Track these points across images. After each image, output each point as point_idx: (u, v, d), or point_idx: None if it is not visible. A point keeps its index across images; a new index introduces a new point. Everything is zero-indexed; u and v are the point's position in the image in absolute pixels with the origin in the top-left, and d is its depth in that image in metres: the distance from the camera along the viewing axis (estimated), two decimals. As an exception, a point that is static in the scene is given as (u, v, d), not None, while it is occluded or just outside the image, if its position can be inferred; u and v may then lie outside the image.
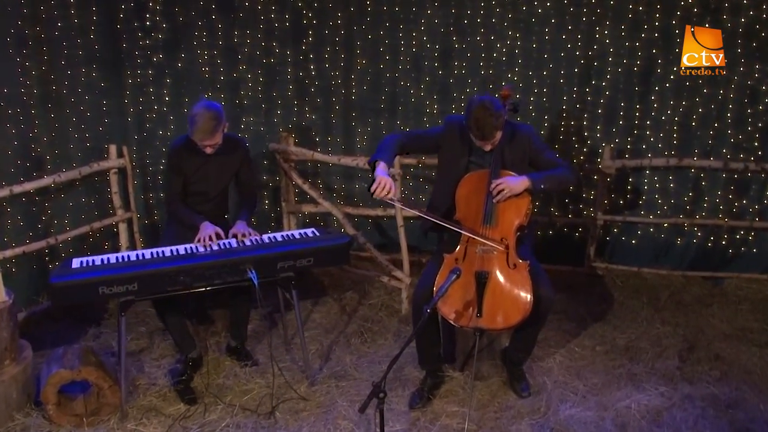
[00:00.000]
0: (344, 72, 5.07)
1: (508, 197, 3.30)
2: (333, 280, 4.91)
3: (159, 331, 4.19)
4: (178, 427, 3.35)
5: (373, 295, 4.69)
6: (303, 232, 3.76)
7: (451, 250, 3.38)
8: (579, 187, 4.97)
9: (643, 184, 4.87)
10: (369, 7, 4.89)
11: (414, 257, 4.75)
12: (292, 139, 4.90)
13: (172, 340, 3.85)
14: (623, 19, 4.58)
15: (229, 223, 3.89)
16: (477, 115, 3.25)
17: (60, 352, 3.45)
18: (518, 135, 3.49)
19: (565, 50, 4.73)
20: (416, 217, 4.95)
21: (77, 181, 4.56)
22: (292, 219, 5.10)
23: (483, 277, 3.19)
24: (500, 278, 3.23)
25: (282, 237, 3.69)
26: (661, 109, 4.69)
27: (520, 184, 3.31)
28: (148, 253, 3.48)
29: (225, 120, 3.67)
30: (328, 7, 4.91)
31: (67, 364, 3.32)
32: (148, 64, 4.83)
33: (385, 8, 4.87)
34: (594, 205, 4.90)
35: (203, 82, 4.99)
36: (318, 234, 3.73)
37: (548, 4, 4.64)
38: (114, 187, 4.66)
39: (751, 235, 4.80)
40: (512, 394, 3.57)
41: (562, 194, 5.01)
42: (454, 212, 3.44)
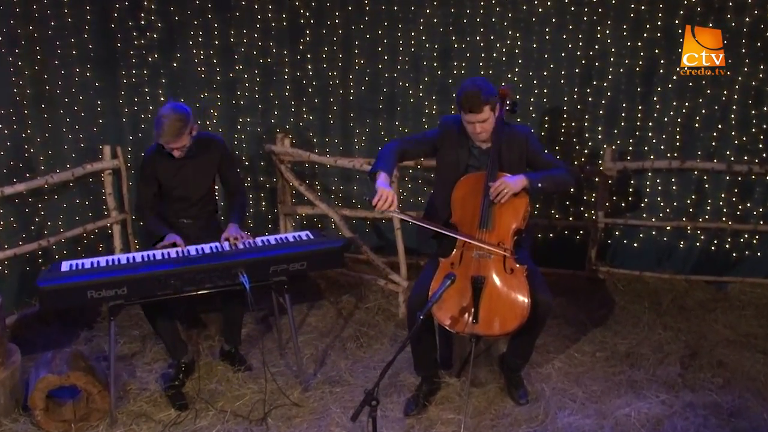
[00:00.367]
0: (342, 72, 5.00)
1: (508, 197, 3.23)
2: (330, 283, 4.84)
3: (152, 335, 4.12)
4: (168, 434, 3.29)
5: (370, 299, 4.62)
6: (297, 235, 3.70)
7: (447, 254, 3.31)
8: (580, 189, 4.90)
9: (645, 187, 4.80)
10: (367, 7, 4.82)
11: (412, 260, 4.69)
12: (289, 140, 4.83)
13: (164, 345, 3.79)
14: (625, 19, 4.50)
15: (221, 226, 3.84)
16: (467, 89, 3.24)
17: (49, 357, 3.40)
18: (515, 136, 3.42)
19: (566, 50, 4.65)
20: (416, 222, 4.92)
21: (71, 183, 4.52)
22: (289, 221, 5.03)
23: (479, 282, 3.12)
24: (497, 283, 3.16)
25: (275, 240, 3.63)
26: (663, 110, 4.61)
27: (519, 183, 3.25)
28: (139, 256, 3.43)
29: (193, 122, 3.57)
30: (326, 7, 4.84)
31: (56, 369, 3.27)
32: (143, 64, 4.78)
33: (384, 7, 4.80)
34: (595, 208, 4.82)
35: (199, 83, 4.93)
36: (312, 237, 3.67)
37: (549, 4, 4.57)
38: (108, 189, 4.61)
39: (756, 239, 4.71)
40: (509, 401, 3.50)
41: (562, 196, 4.93)
42: (450, 216, 3.36)
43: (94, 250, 4.75)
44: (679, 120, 4.60)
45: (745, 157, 4.55)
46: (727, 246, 4.76)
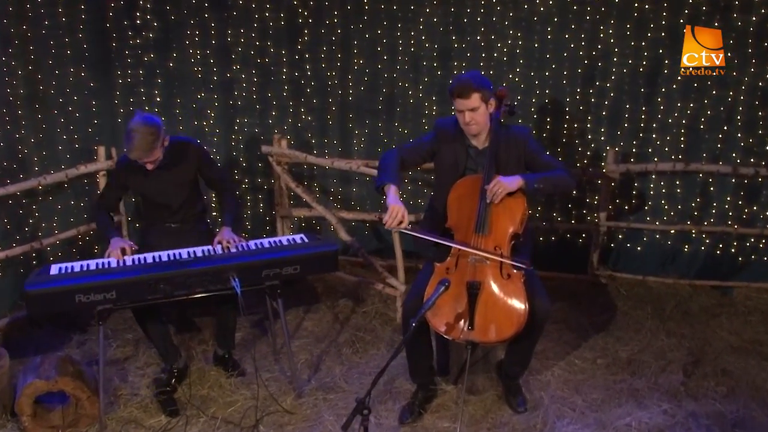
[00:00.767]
0: (341, 72, 4.93)
1: (503, 196, 3.15)
2: (327, 287, 4.77)
3: (145, 339, 4.04)
4: (157, 441, 3.24)
5: (367, 303, 4.55)
6: (291, 238, 3.64)
7: (443, 259, 3.23)
8: (582, 191, 4.81)
9: (648, 189, 4.70)
10: (366, 6, 4.75)
11: (411, 263, 4.61)
12: (286, 142, 4.76)
13: (155, 350, 3.73)
14: (628, 18, 4.41)
15: (212, 228, 3.77)
16: (458, 77, 3.25)
17: (37, 362, 3.34)
18: (513, 137, 3.34)
19: (568, 50, 4.56)
20: (412, 223, 4.84)
21: (65, 184, 4.46)
22: (286, 223, 4.96)
23: (474, 288, 3.04)
24: (493, 289, 3.08)
25: (269, 243, 3.56)
26: (667, 111, 4.52)
27: (514, 183, 3.17)
28: (129, 259, 3.37)
29: (163, 133, 3.44)
30: (325, 6, 4.77)
31: (43, 375, 3.21)
32: (138, 64, 4.73)
33: (383, 7, 4.73)
34: (597, 211, 4.73)
35: (195, 83, 4.88)
36: (307, 241, 3.60)
37: (550, 3, 4.48)
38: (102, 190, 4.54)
39: (762, 243, 4.61)
40: (507, 410, 3.42)
41: (564, 199, 4.85)
42: (446, 219, 3.29)
43: (90, 252, 4.70)
44: (684, 121, 4.51)
45: (752, 160, 4.46)
46: (733, 250, 4.66)
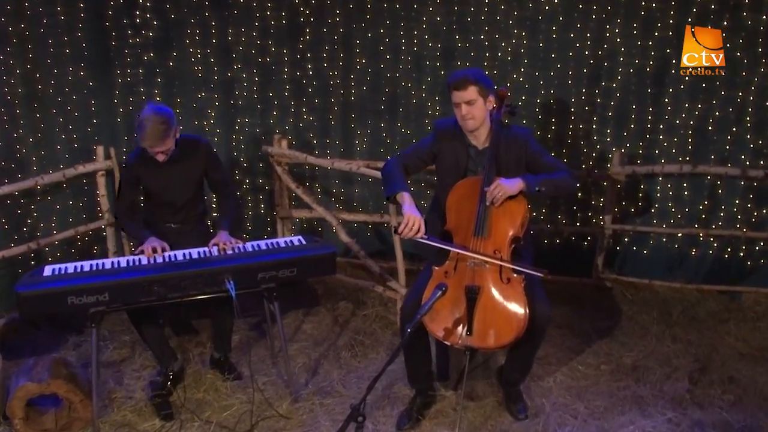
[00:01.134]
0: (343, 72, 4.88)
1: (503, 200, 3.08)
2: (327, 289, 4.71)
3: (142, 341, 4.02)
4: (150, 446, 3.19)
5: (368, 306, 4.48)
6: (289, 240, 3.58)
7: (442, 262, 3.16)
8: (588, 193, 4.74)
9: (655, 192, 4.62)
10: (369, 5, 4.69)
11: (413, 266, 4.55)
12: (286, 142, 4.71)
13: (151, 353, 3.68)
14: (635, 17, 4.33)
15: (211, 230, 3.72)
16: (457, 71, 3.20)
17: (30, 364, 3.30)
18: (514, 138, 3.27)
19: (574, 49, 4.49)
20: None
21: (64, 184, 4.43)
22: (287, 225, 4.91)
23: (473, 293, 2.97)
24: (492, 294, 3.00)
25: (266, 245, 3.50)
26: (675, 112, 4.43)
27: (515, 185, 3.09)
28: (124, 260, 3.31)
29: (176, 124, 3.43)
30: (326, 4, 4.72)
31: (36, 377, 3.17)
32: (138, 63, 4.68)
33: (386, 5, 4.67)
34: (603, 213, 4.64)
35: (196, 82, 4.83)
36: (305, 242, 3.54)
37: (556, 1, 4.41)
38: (101, 190, 4.50)
39: (772, 247, 4.52)
40: (507, 417, 3.34)
41: (569, 201, 4.77)
42: (445, 222, 3.22)
43: (89, 253, 4.67)
44: (692, 122, 4.43)
45: (761, 162, 4.37)
46: (741, 254, 4.57)
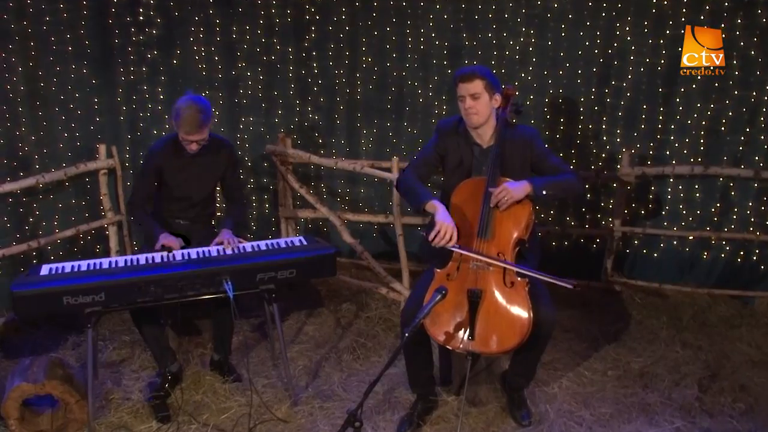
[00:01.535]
0: (348, 70, 4.82)
1: (510, 204, 3.01)
2: (330, 290, 4.64)
3: (142, 341, 3.97)
4: (146, 448, 3.14)
5: (371, 308, 4.41)
6: (290, 240, 3.52)
7: (444, 264, 3.08)
8: (597, 195, 4.65)
9: (666, 194, 4.52)
10: (375, 2, 4.63)
11: (419, 267, 4.48)
12: (290, 141, 4.65)
13: (150, 353, 3.64)
14: (646, 14, 4.24)
15: (216, 233, 3.66)
16: (464, 66, 3.14)
17: (26, 364, 3.26)
18: (520, 137, 3.19)
19: (583, 48, 4.40)
20: (419, 227, 4.71)
21: (66, 182, 4.40)
22: (291, 225, 4.85)
23: (475, 296, 2.89)
24: (495, 297, 2.93)
25: (266, 246, 3.45)
26: (686, 112, 4.34)
27: (521, 190, 3.02)
28: (122, 260, 3.27)
29: (212, 116, 3.46)
30: (332, 2, 4.67)
31: (31, 378, 3.12)
32: (141, 61, 4.65)
33: (392, 3, 4.61)
34: (612, 215, 4.54)
35: (200, 80, 4.79)
36: (305, 243, 3.48)
37: (565, -2, 4.33)
38: (103, 189, 4.48)
39: (786, 251, 4.41)
40: (510, 423, 3.26)
41: (578, 203, 4.68)
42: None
43: (91, 252, 4.64)
44: (704, 123, 4.32)
45: (775, 163, 4.26)
46: (754, 258, 4.46)
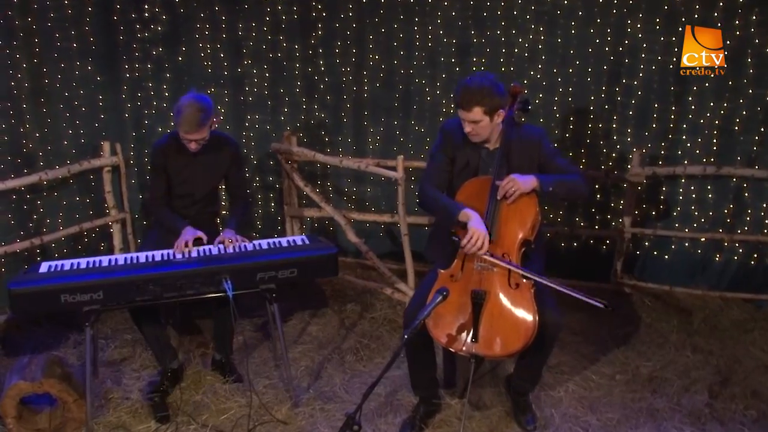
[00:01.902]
0: (355, 68, 4.76)
1: (516, 197, 2.94)
2: (335, 290, 4.59)
3: (144, 340, 3.94)
4: (144, 448, 3.10)
5: (376, 308, 4.35)
6: (292, 239, 3.48)
7: (448, 265, 3.02)
8: (607, 195, 4.57)
9: (677, 194, 4.42)
10: (382, -1, 4.58)
11: (425, 267, 4.40)
12: (295, 139, 4.61)
13: (151, 351, 3.60)
14: (658, 11, 4.15)
15: (219, 231, 3.63)
16: (465, 83, 2.97)
17: (24, 362, 3.23)
18: (527, 138, 3.12)
19: (593, 45, 4.32)
20: (426, 225, 4.64)
21: (71, 180, 4.38)
22: (296, 224, 4.80)
23: (479, 298, 2.83)
24: (499, 299, 2.86)
25: (268, 245, 3.40)
26: (699, 111, 4.24)
27: (529, 182, 2.96)
28: (122, 258, 3.25)
29: (214, 115, 3.42)
30: (339, -1, 4.61)
31: (29, 376, 3.09)
32: (146, 58, 4.62)
33: (399, 0, 4.53)
34: (622, 216, 4.46)
35: (205, 78, 4.75)
36: (308, 243, 3.44)
37: (575, -5, 4.25)
38: (107, 186, 4.45)
39: (801, 254, 4.30)
40: (514, 427, 3.20)
41: (587, 203, 4.59)
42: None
43: (96, 250, 4.62)
44: (717, 122, 4.23)
45: (791, 164, 4.16)
46: (768, 261, 4.36)
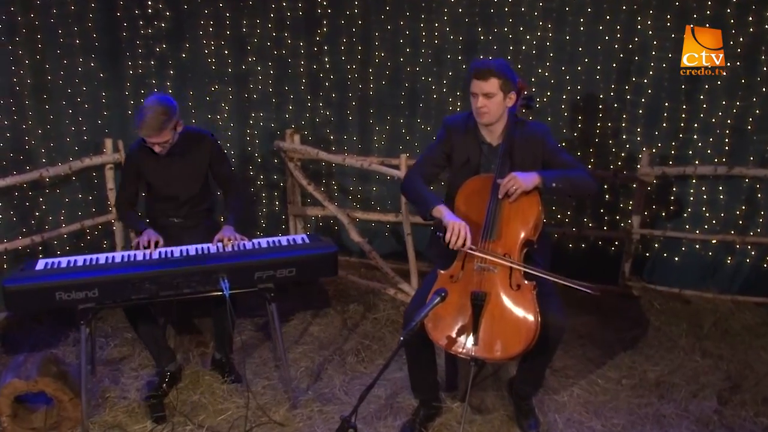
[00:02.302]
0: (361, 65, 4.71)
1: (518, 195, 2.87)
2: (338, 290, 4.53)
3: (139, 339, 3.91)
4: (138, 449, 3.06)
5: (379, 309, 4.29)
6: (292, 238, 3.43)
7: (448, 265, 2.95)
8: (616, 195, 4.48)
9: (688, 195, 4.32)
10: (388, -4, 4.52)
11: (428, 268, 4.33)
12: (298, 137, 4.56)
13: (148, 352, 3.57)
14: (669, 8, 4.05)
15: (217, 227, 3.59)
16: (480, 59, 2.99)
17: (20, 360, 3.21)
18: (530, 134, 3.06)
19: (602, 42, 4.23)
20: (429, 225, 4.57)
21: (72, 176, 4.36)
22: (300, 222, 4.76)
23: (479, 299, 2.76)
24: (500, 301, 2.79)
25: (267, 244, 3.36)
26: (711, 110, 4.14)
27: (531, 180, 2.89)
28: (119, 256, 3.21)
29: (178, 116, 3.35)
30: (344, -4, 4.57)
31: (23, 374, 3.07)
32: (149, 55, 4.59)
33: (405, -4, 4.49)
34: (631, 217, 4.36)
35: (209, 75, 4.72)
36: (308, 242, 3.38)
37: (583, -9, 4.17)
38: (110, 183, 4.41)
39: (815, 257, 4.19)
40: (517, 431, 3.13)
41: (595, 204, 4.51)
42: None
43: (98, 247, 4.59)
44: (729, 121, 4.12)
45: (805, 165, 4.05)
46: (782, 264, 4.25)
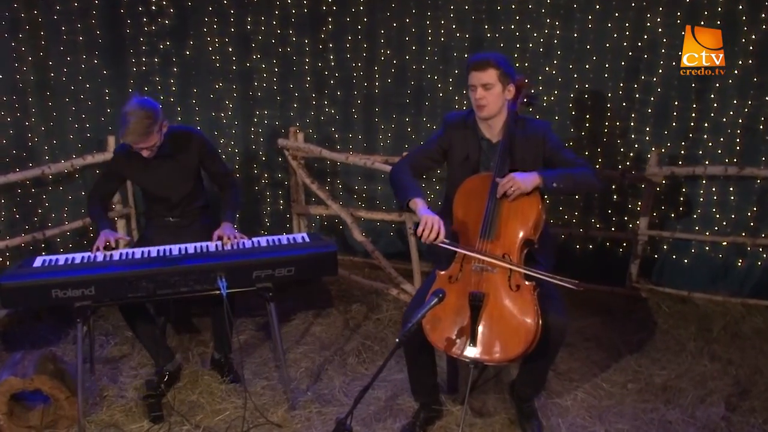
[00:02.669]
0: (366, 63, 4.67)
1: (517, 196, 2.81)
2: (341, 290, 4.49)
3: (136, 338, 3.88)
4: (134, 449, 3.03)
5: (381, 309, 4.24)
6: (292, 237, 3.38)
7: (447, 265, 2.90)
8: (624, 196, 4.40)
9: (697, 196, 4.23)
10: (393, -7, 4.48)
11: (431, 268, 4.29)
12: (302, 135, 4.52)
13: (146, 351, 3.54)
14: (679, 5, 3.97)
15: (214, 225, 3.55)
16: (479, 53, 2.99)
17: (17, 358, 3.19)
18: (531, 132, 2.99)
19: (611, 40, 4.16)
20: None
21: (75, 174, 4.36)
22: (303, 221, 4.72)
23: (477, 300, 2.70)
24: (499, 302, 2.72)
25: (266, 242, 3.32)
26: (721, 109, 4.05)
27: (530, 181, 2.82)
28: (117, 254, 3.18)
29: (162, 117, 3.25)
30: (349, -8, 4.53)
31: (20, 372, 3.05)
32: (153, 52, 4.58)
33: (411, -7, 4.44)
34: (639, 218, 4.28)
35: (213, 72, 4.70)
36: (308, 241, 3.34)
37: (592, -12, 4.10)
38: (112, 181, 4.41)
39: (828, 260, 4.09)
40: (517, 436, 3.06)
41: (603, 204, 4.43)
42: (451, 222, 2.95)
43: (101, 245, 4.58)
44: (740, 121, 4.03)
45: (819, 165, 3.95)
46: (794, 266, 4.15)
